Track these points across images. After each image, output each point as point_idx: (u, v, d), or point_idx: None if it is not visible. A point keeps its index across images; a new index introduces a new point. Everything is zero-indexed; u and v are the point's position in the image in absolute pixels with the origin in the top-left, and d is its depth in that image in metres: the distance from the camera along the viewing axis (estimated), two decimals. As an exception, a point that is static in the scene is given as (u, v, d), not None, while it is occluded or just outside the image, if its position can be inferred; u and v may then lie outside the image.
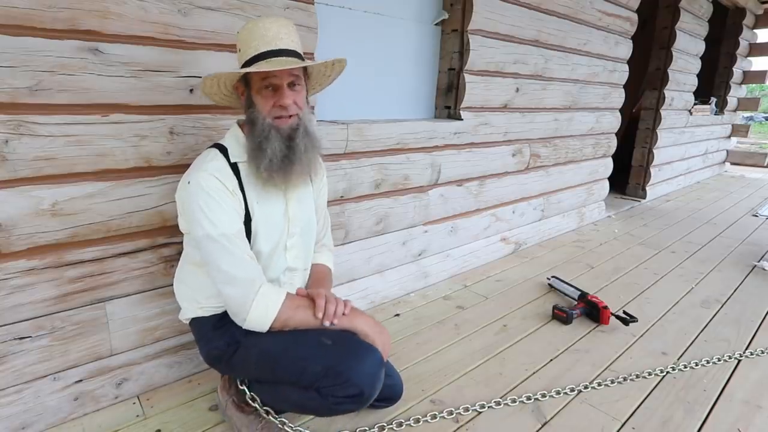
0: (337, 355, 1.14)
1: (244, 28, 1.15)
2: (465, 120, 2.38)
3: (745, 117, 8.05)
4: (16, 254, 1.21)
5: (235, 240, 1.15)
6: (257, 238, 1.22)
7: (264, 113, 1.15)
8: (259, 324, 1.16)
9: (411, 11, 2.21)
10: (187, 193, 1.14)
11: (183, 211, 1.21)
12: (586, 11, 2.98)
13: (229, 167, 1.17)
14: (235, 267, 1.13)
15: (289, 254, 1.31)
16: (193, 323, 1.32)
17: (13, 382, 1.27)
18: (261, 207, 1.22)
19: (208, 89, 1.20)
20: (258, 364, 1.22)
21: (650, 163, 4.56)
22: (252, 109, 1.17)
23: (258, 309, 1.14)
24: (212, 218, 1.12)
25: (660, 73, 4.39)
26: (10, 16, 1.09)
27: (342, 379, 1.11)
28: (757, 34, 6.22)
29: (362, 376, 1.13)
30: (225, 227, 1.13)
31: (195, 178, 1.13)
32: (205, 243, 1.13)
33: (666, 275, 2.67)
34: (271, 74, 1.11)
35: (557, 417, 1.45)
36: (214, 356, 1.28)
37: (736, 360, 1.78)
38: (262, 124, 1.14)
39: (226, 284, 1.14)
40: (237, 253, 1.14)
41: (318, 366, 1.13)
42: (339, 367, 1.12)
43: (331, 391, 1.13)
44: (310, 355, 1.15)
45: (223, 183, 1.14)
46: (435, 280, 2.46)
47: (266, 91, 1.14)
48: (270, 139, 1.14)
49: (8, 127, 1.13)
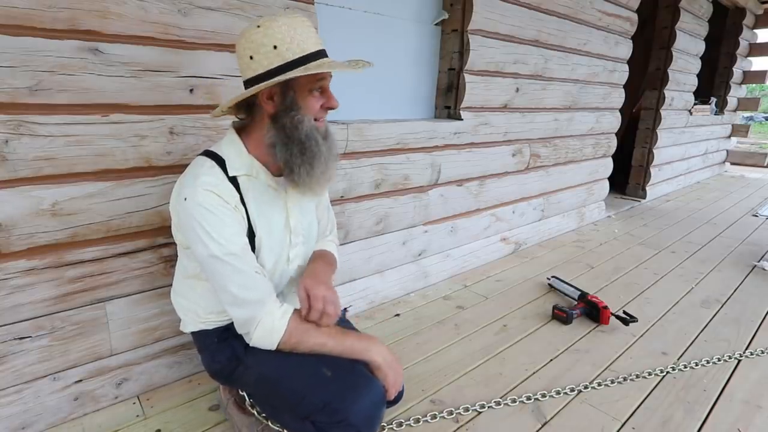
0: (335, 390, 1.07)
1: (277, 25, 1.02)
2: (465, 120, 2.38)
3: (745, 117, 8.06)
4: (16, 254, 1.21)
5: (243, 257, 1.07)
6: (260, 253, 1.15)
7: (311, 116, 1.08)
8: (264, 344, 1.10)
9: (411, 11, 2.21)
10: (184, 211, 1.06)
11: (180, 226, 1.12)
12: (586, 11, 2.98)
13: (228, 181, 1.08)
14: (245, 289, 1.06)
15: (292, 265, 1.24)
16: (195, 335, 1.27)
17: (13, 382, 1.27)
18: (263, 221, 1.15)
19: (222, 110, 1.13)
20: (256, 386, 1.18)
21: (650, 163, 4.56)
22: (295, 112, 1.06)
23: (263, 328, 1.08)
24: (216, 237, 1.03)
25: (660, 73, 4.39)
26: (10, 16, 1.09)
27: (338, 417, 1.04)
28: (757, 34, 6.22)
29: (360, 417, 1.05)
30: (231, 246, 1.05)
31: (191, 195, 1.04)
32: (209, 263, 1.06)
33: (666, 275, 2.67)
34: (324, 77, 1.06)
35: (557, 417, 1.45)
36: (215, 369, 1.24)
37: (736, 360, 1.78)
38: (309, 126, 1.07)
39: (235, 307, 1.08)
40: (246, 271, 1.07)
41: (315, 399, 1.06)
42: (336, 404, 1.05)
43: (327, 428, 1.06)
44: (308, 386, 1.08)
45: (223, 198, 1.06)
46: (435, 280, 2.46)
47: (317, 93, 1.08)
48: (319, 142, 1.09)
49: (8, 127, 1.13)
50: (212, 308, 1.20)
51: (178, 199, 1.07)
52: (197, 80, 1.42)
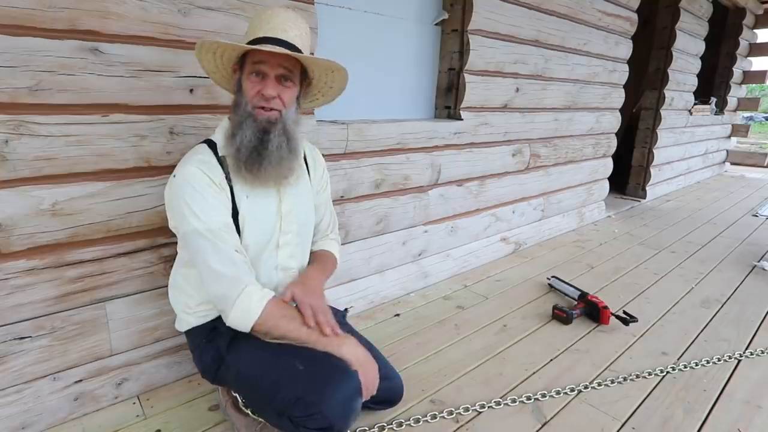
0: (308, 383, 1.07)
1: (255, 13, 1.15)
2: (465, 120, 2.38)
3: (745, 117, 8.05)
4: (16, 254, 1.21)
5: (222, 235, 1.10)
6: (243, 233, 1.17)
7: (247, 99, 1.11)
8: (240, 324, 1.12)
9: (411, 11, 2.21)
10: (172, 188, 1.12)
11: (170, 206, 1.16)
12: (586, 11, 2.98)
13: (215, 160, 1.14)
14: (222, 264, 1.09)
15: (282, 252, 1.25)
16: (187, 334, 1.30)
17: (13, 382, 1.27)
18: (251, 202, 1.18)
19: (206, 63, 1.17)
20: (237, 384, 1.20)
21: (650, 163, 4.56)
22: (239, 93, 1.14)
23: (240, 308, 1.10)
24: (198, 212, 1.08)
25: (660, 73, 4.39)
26: (10, 16, 1.09)
27: (312, 410, 1.04)
28: (757, 34, 6.22)
29: (333, 409, 1.05)
30: (211, 222, 1.09)
31: (180, 173, 1.11)
32: (191, 238, 1.10)
33: (666, 275, 2.67)
34: (261, 60, 1.08)
35: (557, 417, 1.45)
36: (202, 369, 1.28)
37: (736, 360, 1.78)
38: (244, 110, 1.11)
39: (212, 281, 1.11)
40: (224, 249, 1.10)
41: (289, 394, 1.06)
42: (309, 397, 1.04)
43: (302, 422, 1.06)
44: (282, 380, 1.09)
45: (208, 175, 1.11)
46: (435, 280, 2.46)
47: (254, 77, 1.10)
48: (243, 127, 1.11)
49: (8, 127, 1.13)
50: (203, 297, 1.22)
51: (169, 181, 1.14)
52: (197, 80, 1.41)
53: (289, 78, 1.13)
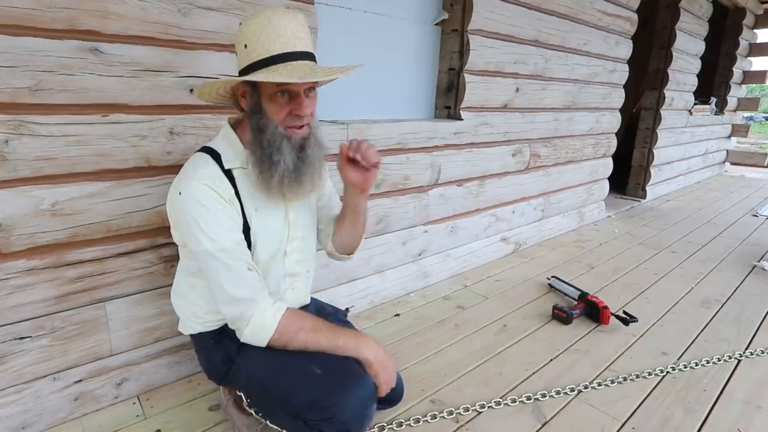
0: (324, 387, 1.06)
1: (254, 21, 1.00)
2: (465, 120, 2.38)
3: (745, 117, 8.05)
4: (16, 254, 1.21)
5: (235, 254, 1.07)
6: (256, 248, 1.15)
7: (276, 121, 1.04)
8: (256, 341, 1.10)
9: (411, 11, 2.21)
10: (179, 205, 1.06)
11: (176, 223, 1.12)
12: (586, 11, 2.98)
13: (222, 174, 1.08)
14: (235, 285, 1.06)
15: (289, 259, 1.23)
16: (192, 336, 1.29)
17: (13, 382, 1.27)
18: (260, 215, 1.14)
19: (206, 95, 1.12)
20: (248, 386, 1.19)
21: (650, 163, 4.56)
22: (260, 115, 1.04)
23: (254, 325, 1.08)
24: (209, 232, 1.03)
25: (660, 73, 4.39)
26: (10, 16, 1.09)
27: (327, 414, 1.04)
28: (757, 34, 6.22)
29: (348, 413, 1.05)
30: (223, 242, 1.04)
31: (187, 189, 1.04)
32: (203, 258, 1.06)
33: (666, 275, 2.67)
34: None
35: (557, 417, 1.45)
36: (209, 370, 1.26)
37: (736, 360, 1.78)
38: (273, 133, 1.03)
39: (226, 304, 1.08)
40: (236, 268, 1.06)
41: (304, 398, 1.06)
42: (324, 401, 1.04)
43: (317, 425, 1.06)
44: (297, 384, 1.08)
45: (217, 191, 1.05)
46: (435, 280, 2.46)
47: (280, 97, 1.02)
48: (282, 151, 1.04)
49: (8, 127, 1.13)
50: (211, 307, 1.20)
51: (174, 194, 1.08)
52: (197, 80, 1.41)
53: (313, 88, 1.08)
